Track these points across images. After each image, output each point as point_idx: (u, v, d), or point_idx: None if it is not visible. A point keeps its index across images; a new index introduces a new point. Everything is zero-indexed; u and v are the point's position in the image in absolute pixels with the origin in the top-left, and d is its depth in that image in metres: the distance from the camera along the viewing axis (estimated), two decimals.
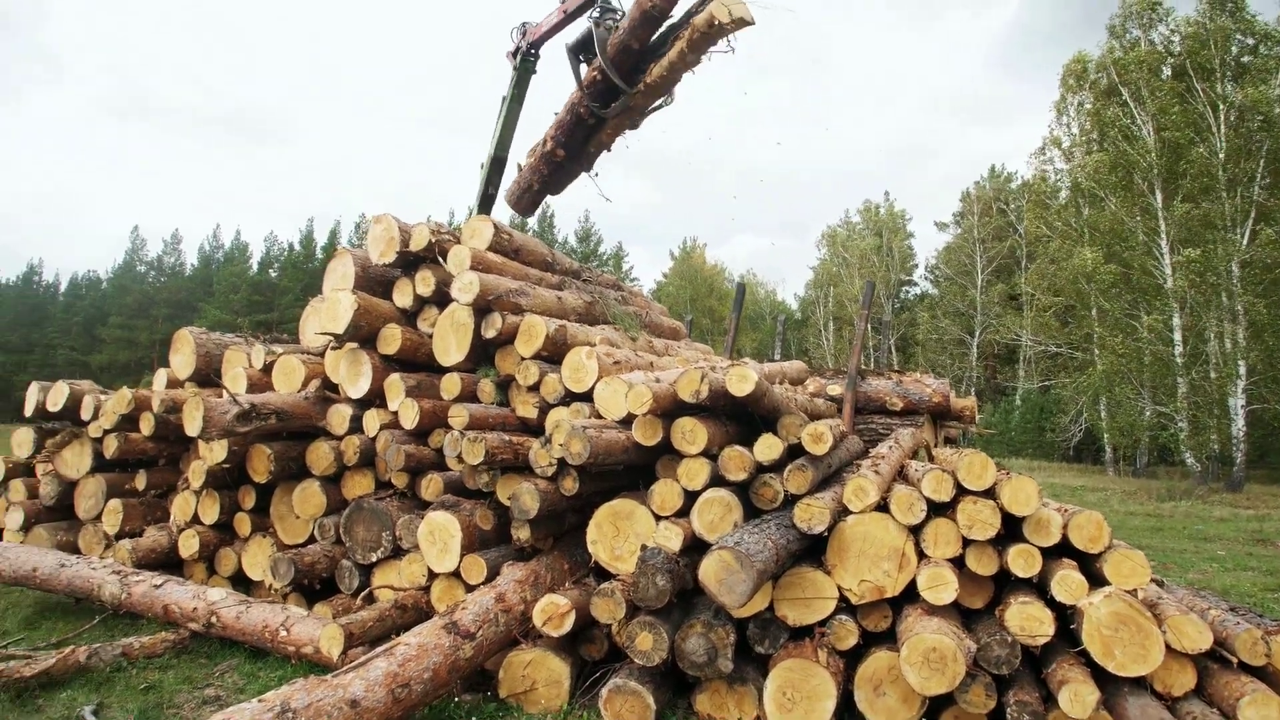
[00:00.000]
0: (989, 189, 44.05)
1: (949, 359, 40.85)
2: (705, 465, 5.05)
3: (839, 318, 44.62)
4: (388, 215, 6.82)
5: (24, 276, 68.48)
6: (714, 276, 48.32)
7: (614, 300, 7.95)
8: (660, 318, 9.24)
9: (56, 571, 6.41)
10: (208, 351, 7.96)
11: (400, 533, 5.87)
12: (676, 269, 48.69)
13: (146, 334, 58.07)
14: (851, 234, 47.04)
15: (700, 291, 45.18)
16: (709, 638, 4.45)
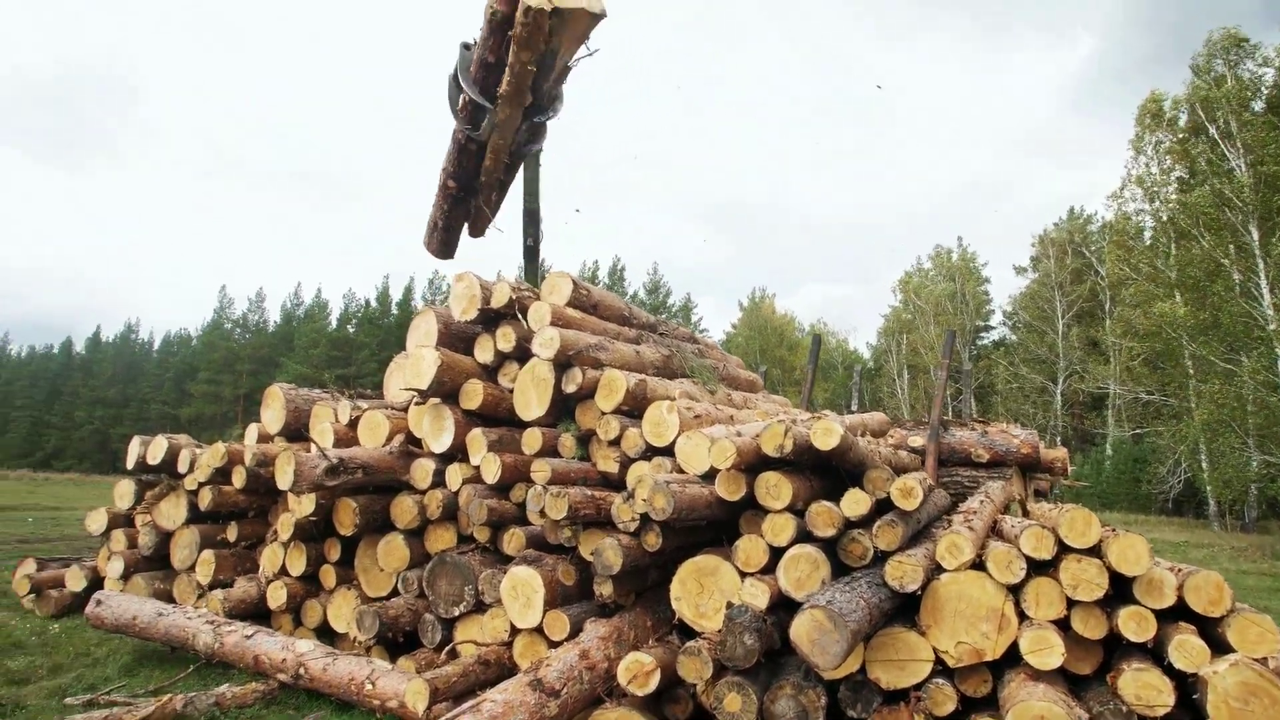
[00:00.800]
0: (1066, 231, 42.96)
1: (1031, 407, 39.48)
2: (790, 521, 4.95)
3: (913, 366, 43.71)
4: (469, 273, 6.99)
5: (122, 335, 72.27)
6: (784, 326, 47.95)
7: (691, 353, 7.96)
8: (737, 370, 9.19)
9: (154, 620, 6.62)
10: (296, 407, 8.22)
11: (483, 587, 5.88)
12: (745, 319, 48.53)
13: (231, 388, 60.46)
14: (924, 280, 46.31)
15: (770, 342, 44.87)
16: (799, 700, 4.32)
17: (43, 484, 45.92)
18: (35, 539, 15.50)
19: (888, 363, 45.16)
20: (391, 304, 61.18)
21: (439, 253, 10.31)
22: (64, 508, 24.80)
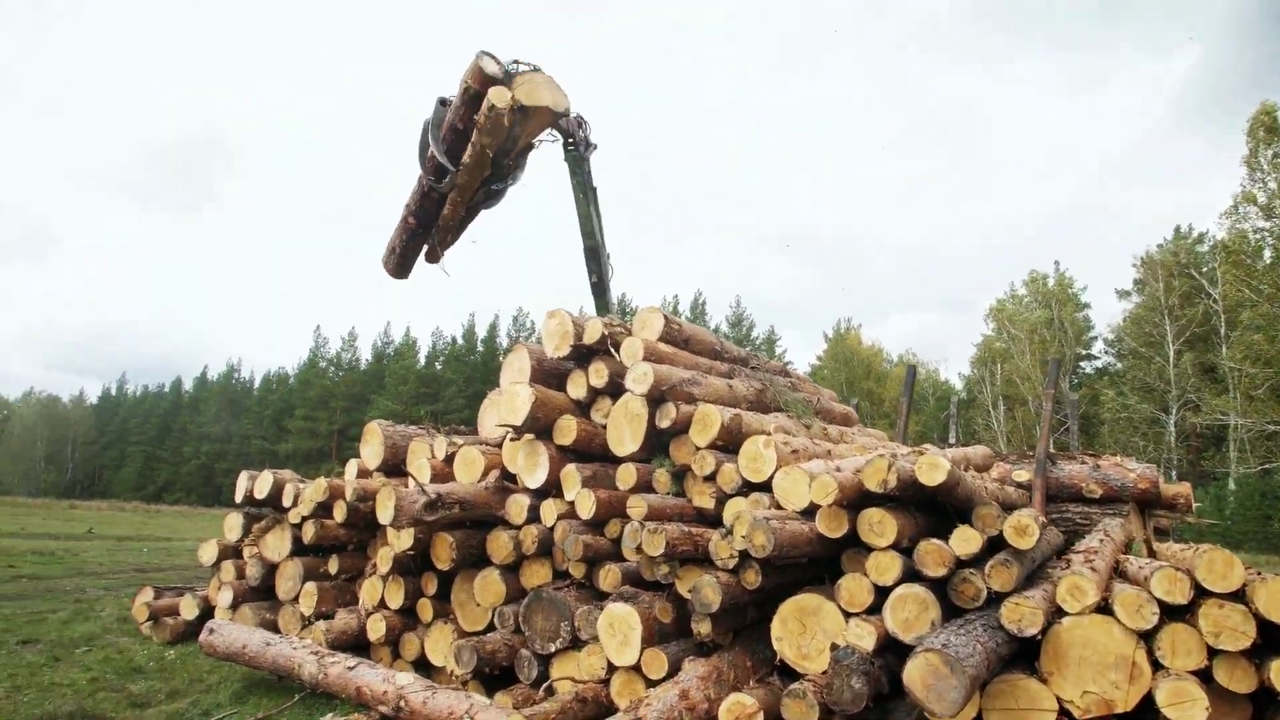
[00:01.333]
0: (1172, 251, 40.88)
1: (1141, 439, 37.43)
2: (896, 559, 4.78)
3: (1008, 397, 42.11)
4: (561, 310, 7.07)
5: (225, 374, 75.88)
6: (871, 358, 46.87)
7: (783, 387, 7.85)
8: (831, 403, 9.02)
9: (263, 650, 6.81)
10: (394, 443, 8.42)
11: (579, 623, 5.86)
12: (831, 351, 47.67)
13: (326, 424, 62.61)
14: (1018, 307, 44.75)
15: (857, 374, 43.92)
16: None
17: (155, 515, 48.34)
18: (150, 568, 16.26)
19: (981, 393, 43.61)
20: (477, 341, 62.57)
21: (394, 274, 10.75)
22: (174, 538, 26.00)
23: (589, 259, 12.44)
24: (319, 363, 67.42)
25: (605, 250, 12.76)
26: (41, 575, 14.38)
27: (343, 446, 58.98)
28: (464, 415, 39.04)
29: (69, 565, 16.14)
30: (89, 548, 20.93)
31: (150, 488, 70.67)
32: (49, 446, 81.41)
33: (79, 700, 6.19)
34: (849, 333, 48.96)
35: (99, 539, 24.75)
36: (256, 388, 74.70)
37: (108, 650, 8.19)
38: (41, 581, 13.59)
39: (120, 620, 9.77)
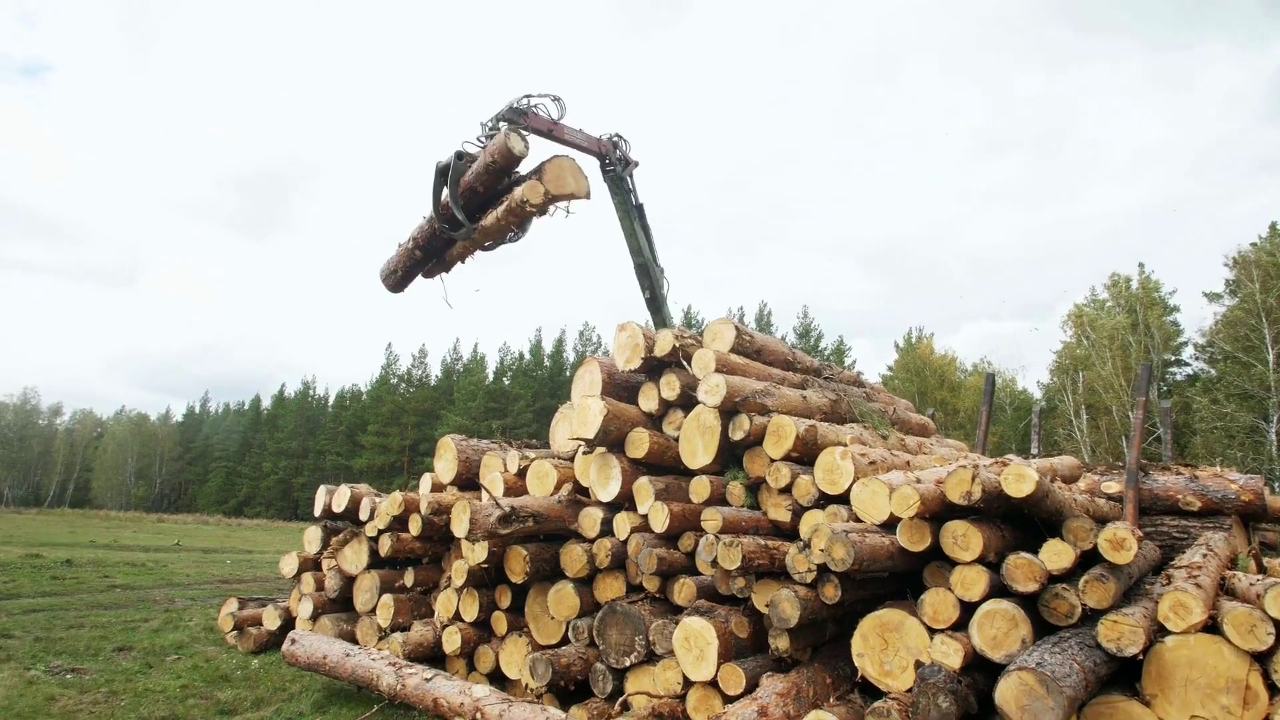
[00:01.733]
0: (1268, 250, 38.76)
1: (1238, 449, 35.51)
2: (982, 574, 4.61)
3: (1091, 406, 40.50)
4: (631, 323, 7.06)
5: (301, 392, 78.11)
6: (944, 367, 45.58)
7: (858, 397, 7.69)
8: (907, 414, 8.81)
9: (343, 660, 6.93)
10: (467, 457, 8.52)
11: (654, 638, 5.81)
12: (902, 361, 46.55)
13: (398, 440, 63.87)
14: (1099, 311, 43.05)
15: (930, 384, 42.75)
16: None
17: (236, 529, 50.00)
18: (233, 579, 16.78)
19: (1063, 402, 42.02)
20: (544, 356, 63.18)
21: (393, 290, 10.92)
22: (255, 551, 26.83)
23: (640, 275, 12.50)
24: (390, 379, 68.90)
25: (657, 265, 12.80)
26: (134, 585, 14.97)
27: (414, 461, 60.10)
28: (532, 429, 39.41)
29: (158, 576, 16.78)
30: (176, 559, 21.74)
31: (232, 502, 73.14)
32: (138, 462, 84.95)
33: (171, 706, 6.38)
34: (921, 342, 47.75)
35: (185, 551, 25.68)
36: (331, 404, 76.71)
37: (196, 658, 8.45)
38: (134, 591, 14.14)
39: (207, 629, 10.08)
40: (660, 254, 12.40)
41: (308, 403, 77.15)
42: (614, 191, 12.03)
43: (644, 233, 12.47)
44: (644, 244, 12.41)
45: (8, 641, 8.85)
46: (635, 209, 12.28)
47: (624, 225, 12.19)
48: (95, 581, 15.21)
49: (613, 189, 11.99)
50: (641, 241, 12.39)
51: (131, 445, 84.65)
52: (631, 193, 12.07)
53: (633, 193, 12.09)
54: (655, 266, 12.73)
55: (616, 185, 11.90)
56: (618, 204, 11.94)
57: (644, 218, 12.40)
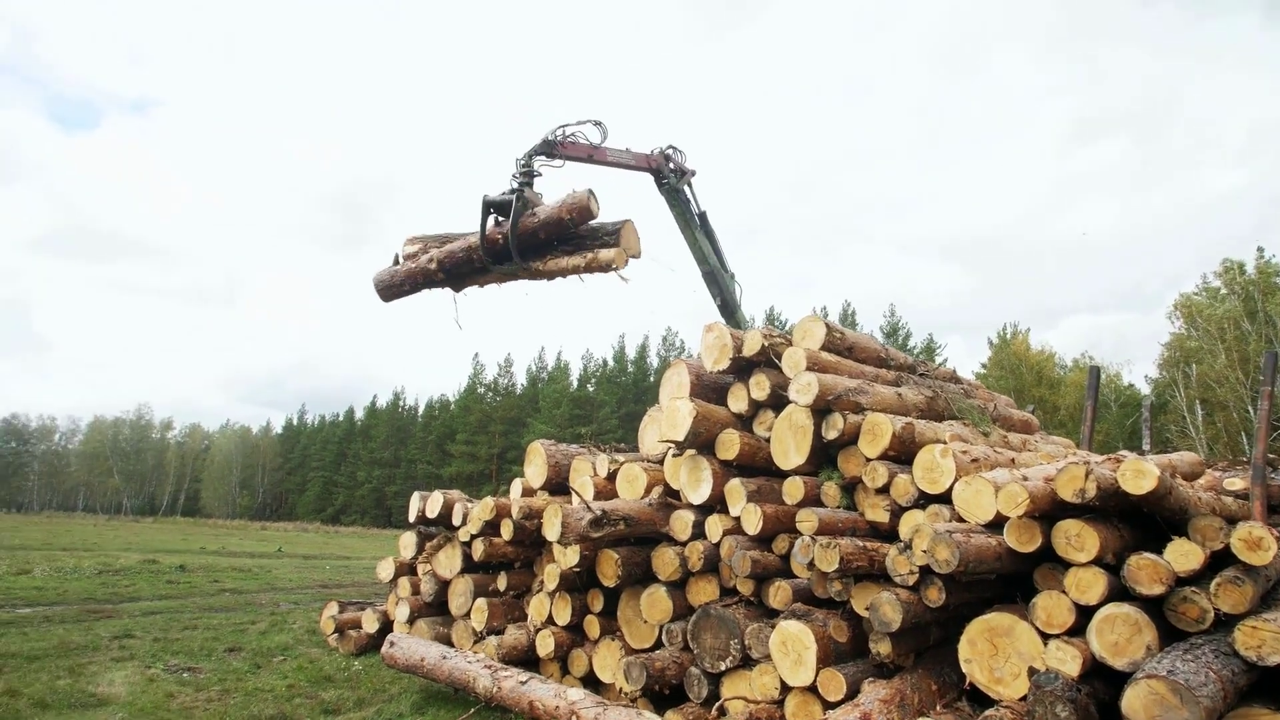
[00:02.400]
0: None
1: None
2: (1099, 576, 4.37)
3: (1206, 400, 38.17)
4: (719, 324, 6.99)
5: (392, 403, 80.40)
6: (1041, 363, 43.63)
7: (956, 393, 7.42)
8: (1009, 410, 8.45)
9: (440, 663, 7.04)
10: (557, 462, 8.56)
11: (749, 642, 5.70)
12: (996, 358, 44.74)
13: (486, 448, 65.10)
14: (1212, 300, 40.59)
15: (1026, 381, 40.97)
16: None
17: (334, 536, 51.79)
18: (332, 584, 17.34)
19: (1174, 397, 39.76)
20: (627, 363, 63.46)
21: (385, 297, 10.41)
22: (352, 557, 27.70)
23: (709, 283, 12.40)
24: (477, 389, 70.32)
25: (726, 271, 12.68)
26: (241, 589, 15.62)
27: (502, 469, 61.16)
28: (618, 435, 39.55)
29: (263, 581, 17.47)
30: (279, 565, 22.61)
31: (329, 510, 75.81)
32: (242, 473, 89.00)
33: (279, 705, 6.59)
34: (1016, 338, 45.90)
35: (287, 557, 26.69)
36: (420, 414, 78.69)
37: (301, 659, 8.73)
38: (241, 595, 14.76)
39: (309, 632, 10.42)
40: (731, 258, 12.32)
41: (398, 413, 79.36)
42: (671, 204, 12.00)
43: (709, 240, 12.38)
44: (709, 252, 12.33)
45: (130, 641, 9.32)
46: (697, 218, 12.22)
47: (685, 236, 12.17)
48: (206, 586, 15.94)
49: (670, 201, 11.96)
50: (706, 249, 12.31)
51: (236, 457, 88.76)
52: (691, 202, 12.03)
53: (692, 202, 12.05)
54: (724, 273, 12.62)
55: (673, 197, 11.87)
56: (676, 215, 11.91)
57: (708, 225, 12.32)
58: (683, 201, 11.75)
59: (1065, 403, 40.68)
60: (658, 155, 11.25)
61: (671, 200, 11.77)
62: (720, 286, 12.29)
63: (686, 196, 11.77)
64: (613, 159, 10.76)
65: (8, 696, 6.63)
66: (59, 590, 13.97)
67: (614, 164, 10.87)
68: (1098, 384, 9.80)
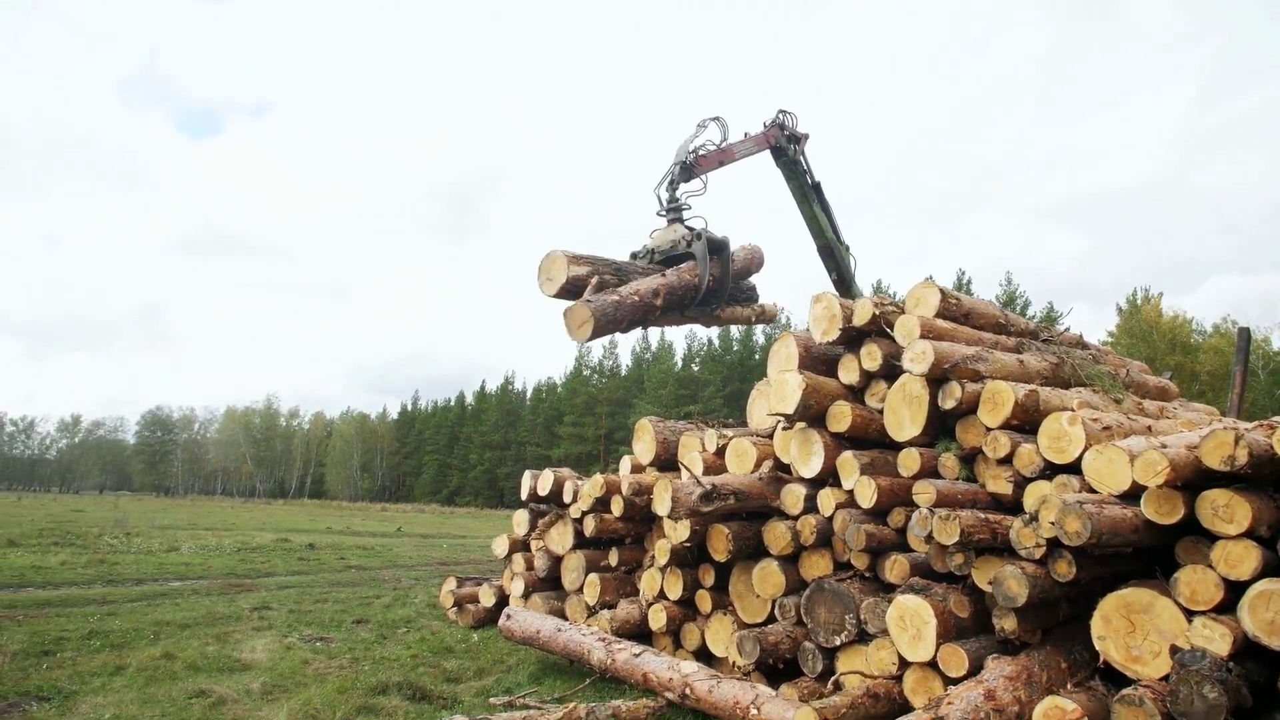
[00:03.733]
0: None
1: None
2: (1251, 549, 4.08)
3: None
4: (827, 294, 6.83)
5: (501, 387, 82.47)
6: (1175, 330, 40.55)
7: (1084, 359, 7.02)
8: (1143, 376, 7.93)
9: (555, 635, 7.20)
10: (665, 438, 8.59)
11: (865, 616, 5.58)
12: (1125, 325, 41.71)
13: (593, 429, 66.04)
14: None
15: (1159, 349, 38.23)
16: None
17: (450, 516, 53.69)
18: (450, 561, 17.99)
19: None
20: (732, 341, 63.06)
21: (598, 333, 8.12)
22: (468, 536, 28.65)
23: (825, 258, 12.05)
24: (583, 371, 71.35)
25: (842, 244, 12.26)
26: (365, 566, 16.40)
27: (609, 450, 61.90)
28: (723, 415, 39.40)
29: (386, 558, 18.29)
30: (399, 544, 23.61)
31: (444, 491, 78.62)
32: (362, 457, 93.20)
33: (404, 673, 6.88)
34: (1148, 302, 42.81)
35: (407, 536, 27.85)
36: (529, 398, 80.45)
37: (423, 631, 9.09)
38: (366, 571, 15.49)
39: (430, 606, 10.83)
40: (845, 231, 11.97)
41: (507, 397, 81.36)
42: (789, 176, 11.64)
43: (824, 212, 11.99)
44: (825, 225, 11.96)
45: (268, 612, 9.92)
46: (812, 189, 11.84)
47: (803, 210, 11.83)
48: (334, 563, 16.81)
49: (787, 174, 11.61)
50: (823, 222, 11.93)
51: (355, 442, 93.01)
52: (807, 173, 11.64)
53: (808, 173, 11.66)
54: (840, 246, 12.23)
55: (791, 170, 11.53)
56: (794, 189, 11.57)
57: (822, 196, 11.93)
58: (800, 174, 11.44)
59: (1204, 368, 37.85)
60: (774, 130, 10.99)
61: (790, 173, 11.48)
62: (837, 260, 11.96)
63: (804, 167, 11.47)
64: (739, 153, 10.63)
65: (165, 659, 7.17)
66: (204, 566, 15.02)
67: (742, 156, 10.71)
68: (1248, 346, 9.09)
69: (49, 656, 7.20)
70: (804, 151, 11.46)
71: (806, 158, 11.56)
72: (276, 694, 6.26)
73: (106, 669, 6.84)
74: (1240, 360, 8.66)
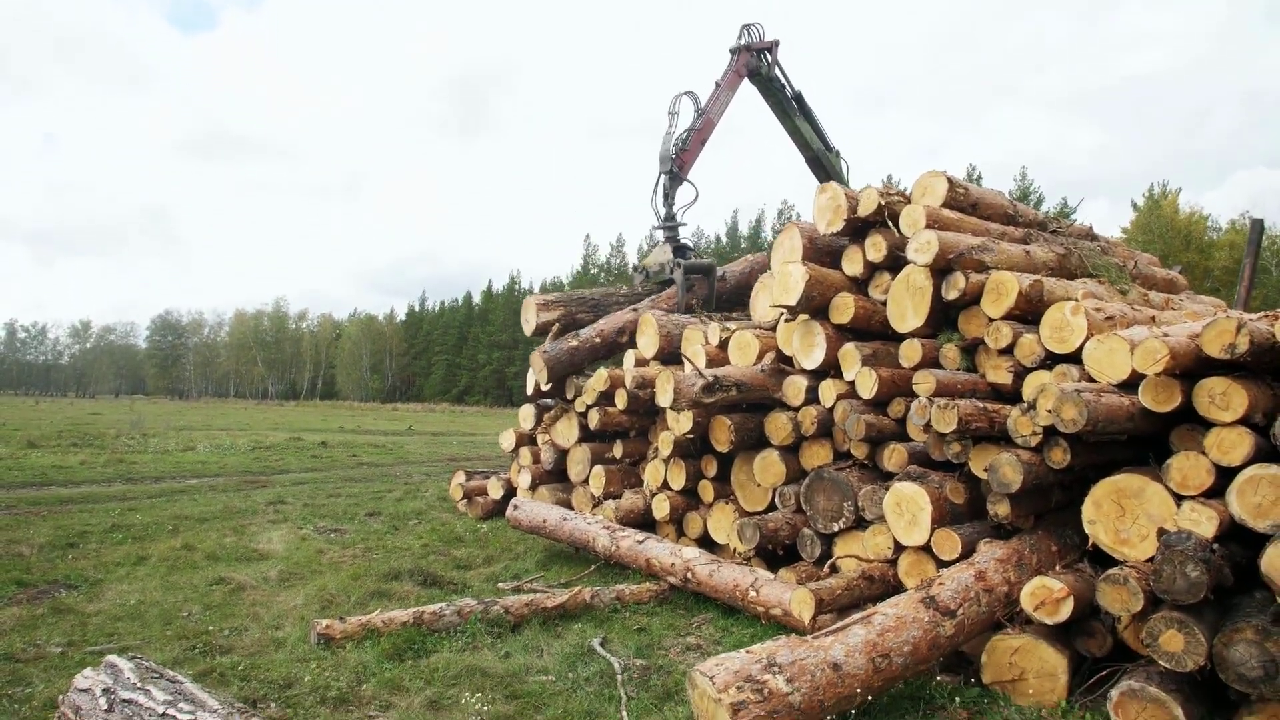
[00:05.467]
0: None
1: None
2: (1245, 435, 4.12)
3: None
4: (833, 184, 6.71)
5: (507, 286, 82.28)
6: (1190, 227, 39.61)
7: (1091, 251, 6.93)
8: (1151, 268, 7.85)
9: (561, 524, 7.41)
10: (668, 332, 8.62)
11: (863, 503, 5.71)
12: (1140, 222, 40.59)
13: None
14: None
15: (1173, 246, 37.43)
16: (1265, 647, 3.59)
17: (459, 415, 54.57)
18: (460, 457, 18.37)
19: None
20: (740, 239, 62.45)
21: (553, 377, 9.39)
22: (477, 434, 29.16)
23: (814, 169, 11.88)
24: (590, 269, 71.00)
25: (831, 150, 12.08)
26: (377, 463, 16.77)
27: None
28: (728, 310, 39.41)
29: (397, 455, 18.69)
30: (410, 441, 24.07)
31: (454, 391, 79.49)
32: (372, 358, 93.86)
33: (415, 561, 7.12)
34: (1165, 199, 41.78)
35: (417, 435, 28.36)
36: None
37: (434, 523, 9.36)
38: (378, 468, 15.85)
39: (440, 499, 11.13)
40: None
41: (514, 297, 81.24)
42: (766, 94, 11.44)
43: (809, 122, 11.79)
44: (810, 135, 11.77)
45: (283, 506, 10.21)
46: (792, 100, 11.60)
47: (785, 125, 11.67)
48: (346, 460, 17.19)
49: (765, 92, 11.39)
50: (807, 133, 11.74)
51: (364, 343, 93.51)
52: (785, 87, 11.42)
53: (786, 86, 11.44)
54: (829, 154, 12.05)
55: (768, 87, 11.30)
56: (773, 105, 11.41)
57: (805, 106, 11.72)
58: (777, 89, 11.25)
59: (1218, 265, 37.31)
60: (743, 55, 10.77)
61: (766, 90, 11.29)
62: (826, 167, 11.82)
63: (780, 82, 11.25)
64: (719, 115, 10.63)
65: (185, 550, 7.42)
66: (220, 464, 15.37)
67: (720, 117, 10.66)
68: (1260, 239, 8.93)
69: (74, 549, 7.47)
70: (778, 61, 11.23)
71: (782, 68, 11.34)
72: (293, 581, 6.50)
73: (129, 559, 7.10)
74: (1250, 253, 8.51)
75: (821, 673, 3.82)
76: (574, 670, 4.61)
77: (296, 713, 3.94)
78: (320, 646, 4.83)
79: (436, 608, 5.31)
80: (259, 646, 4.93)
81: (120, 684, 2.94)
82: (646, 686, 4.42)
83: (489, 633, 5.18)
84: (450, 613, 5.28)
